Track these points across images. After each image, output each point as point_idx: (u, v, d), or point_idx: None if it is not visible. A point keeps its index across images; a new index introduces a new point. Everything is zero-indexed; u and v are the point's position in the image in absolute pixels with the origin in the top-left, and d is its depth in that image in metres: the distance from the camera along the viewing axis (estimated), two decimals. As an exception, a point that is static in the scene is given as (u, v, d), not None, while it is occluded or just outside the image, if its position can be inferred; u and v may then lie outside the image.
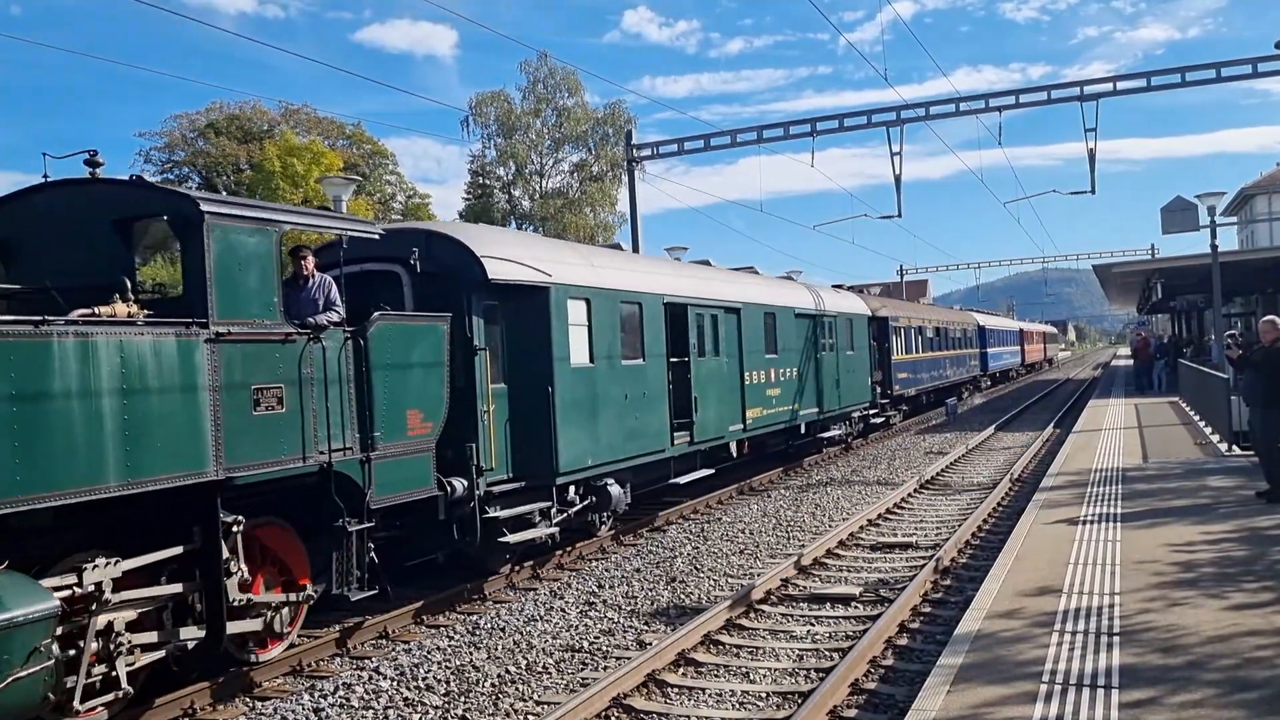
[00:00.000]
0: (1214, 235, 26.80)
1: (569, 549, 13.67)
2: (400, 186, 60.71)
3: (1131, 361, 48.69)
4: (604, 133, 55.89)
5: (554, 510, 12.63)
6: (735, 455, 19.77)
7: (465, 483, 10.92)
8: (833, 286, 29.10)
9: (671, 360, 16.03)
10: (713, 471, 17.72)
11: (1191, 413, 25.39)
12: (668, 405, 15.52)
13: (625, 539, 14.95)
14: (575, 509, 13.18)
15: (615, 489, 13.99)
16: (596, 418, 13.34)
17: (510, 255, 12.21)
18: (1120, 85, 25.97)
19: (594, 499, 13.70)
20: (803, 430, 22.56)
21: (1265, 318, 13.33)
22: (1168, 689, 6.21)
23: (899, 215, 28.31)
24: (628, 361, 14.42)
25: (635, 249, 28.08)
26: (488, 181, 58.46)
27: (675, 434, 15.78)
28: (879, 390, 28.87)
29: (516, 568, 12.66)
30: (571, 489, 13.06)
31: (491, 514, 11.43)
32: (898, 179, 27.29)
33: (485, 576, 12.06)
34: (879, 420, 29.31)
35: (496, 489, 11.60)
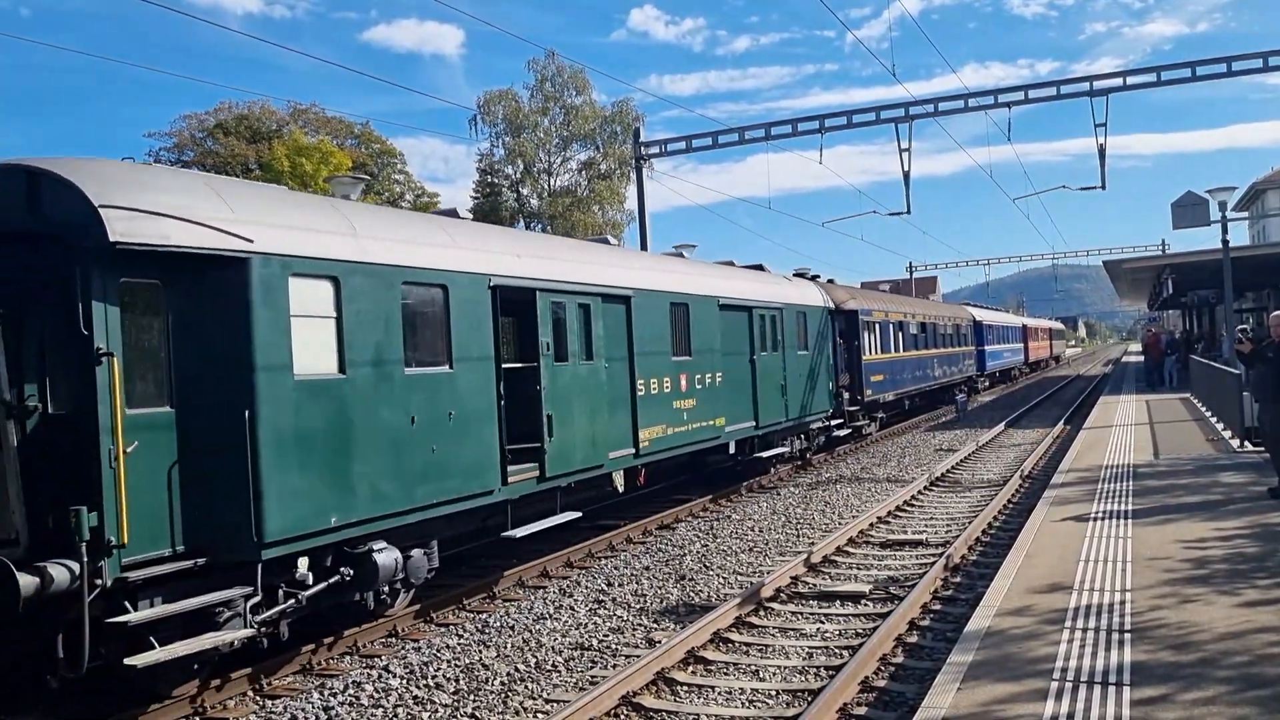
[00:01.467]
0: (1225, 230, 26.69)
1: (327, 644, 9.69)
2: (409, 185, 60.80)
3: (1142, 358, 48.48)
4: (612, 131, 55.85)
5: (253, 601, 8.23)
6: (623, 489, 15.01)
7: (70, 568, 7.11)
8: (794, 274, 24.71)
9: (512, 366, 12.46)
10: (579, 515, 13.37)
11: (1203, 409, 25.27)
12: (498, 428, 11.20)
13: (634, 537, 14.95)
14: (309, 592, 8.92)
15: (388, 556, 9.70)
16: (350, 453, 9.14)
17: (173, 208, 7.98)
18: (1130, 80, 25.90)
19: (350, 573, 9.37)
20: (733, 449, 18.21)
21: (1276, 312, 13.25)
22: (1180, 686, 6.18)
23: (908, 212, 28.30)
24: (419, 370, 10.19)
25: (644, 247, 28.08)
26: (496, 180, 58.49)
27: (512, 468, 11.48)
28: (847, 396, 25.26)
29: (524, 567, 12.66)
30: (302, 563, 8.86)
31: (124, 618, 7.42)
32: (907, 175, 27.25)
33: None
34: (844, 432, 24.90)
35: (141, 575, 7.57)
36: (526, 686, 8.53)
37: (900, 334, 30.70)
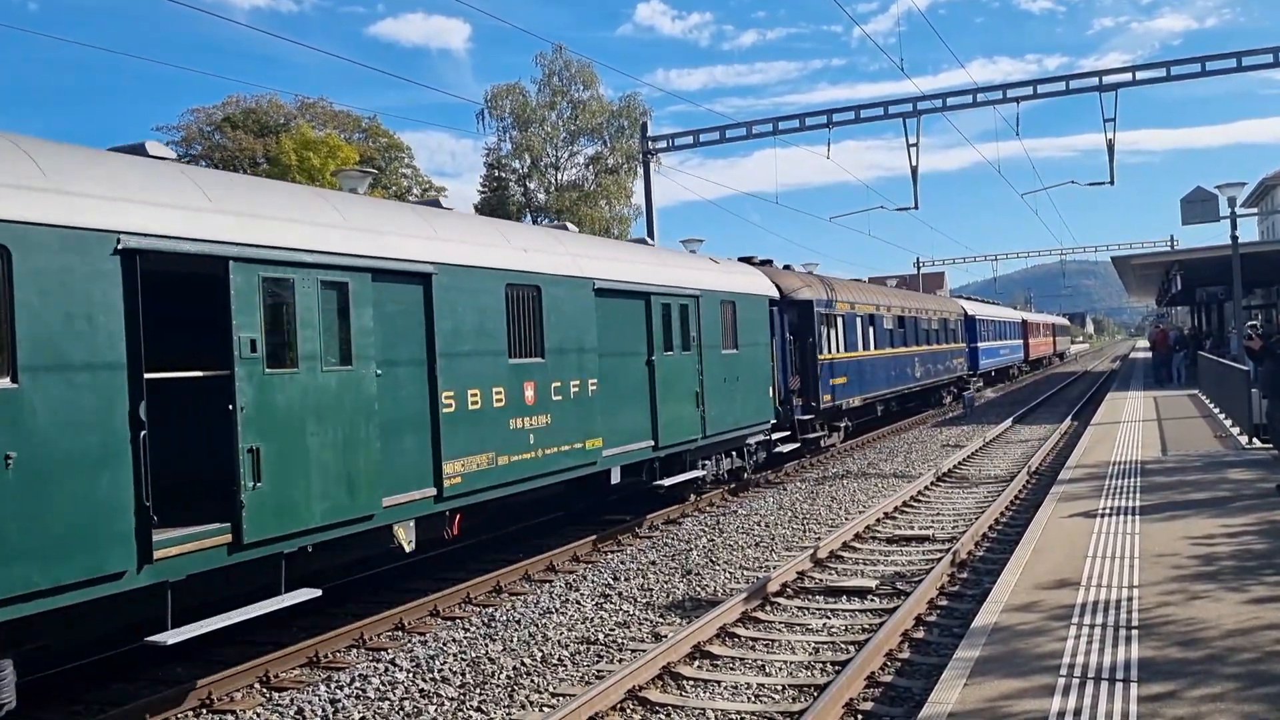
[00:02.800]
0: (1234, 226, 26.59)
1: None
2: (416, 180, 60.79)
3: (1150, 354, 48.23)
4: (619, 125, 55.77)
5: None
6: (412, 547, 10.36)
7: None
8: (739, 259, 21.52)
9: (174, 376, 8.12)
10: (317, 594, 8.84)
11: (1211, 405, 25.20)
12: (135, 474, 7.20)
13: (641, 531, 14.95)
14: None
15: None
16: None
17: None
18: (1139, 75, 25.79)
19: None
20: (617, 478, 13.95)
21: None
22: (1187, 682, 6.16)
23: (915, 207, 28.22)
24: None
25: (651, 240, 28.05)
26: (503, 174, 58.44)
27: (174, 532, 7.55)
28: (800, 402, 21.55)
29: (530, 561, 12.68)
30: None
31: None
32: (914, 170, 27.19)
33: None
34: (790, 447, 20.63)
35: None
36: (533, 680, 8.54)
37: (871, 329, 27.11)
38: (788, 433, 20.53)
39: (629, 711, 7.68)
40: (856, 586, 11.01)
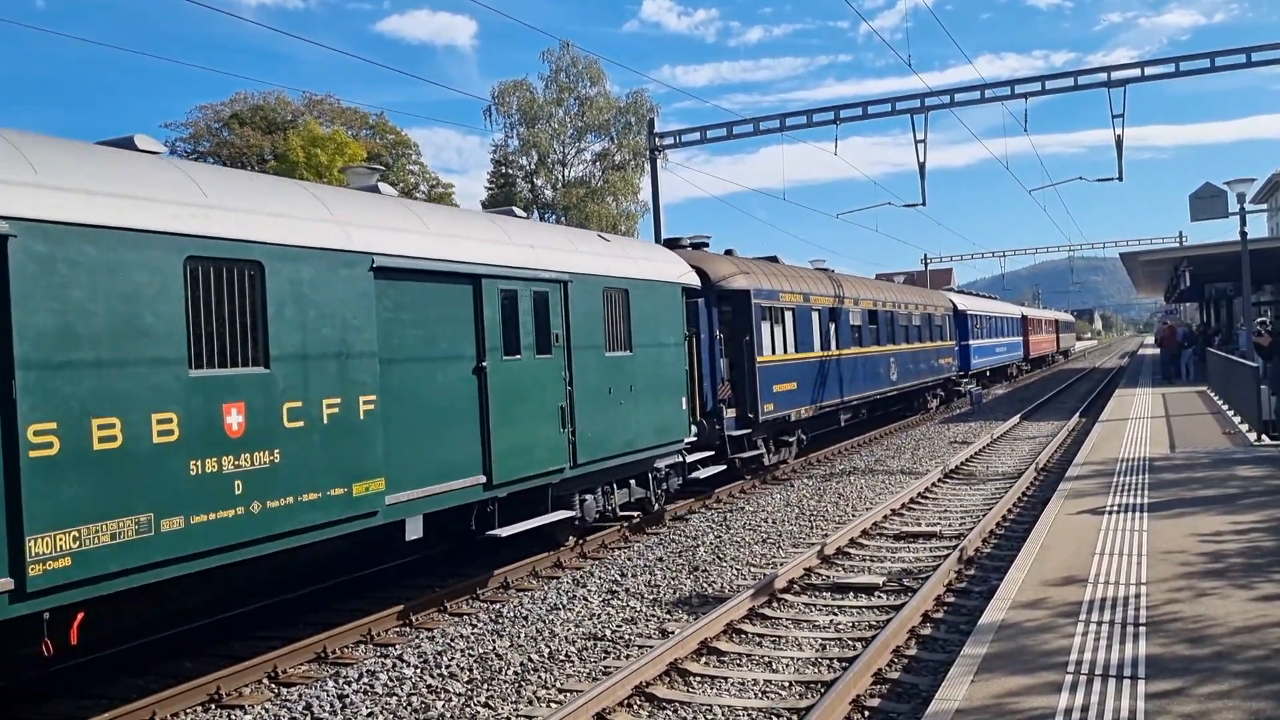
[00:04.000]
0: (1243, 222, 26.48)
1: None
2: (423, 176, 60.85)
3: (1157, 351, 48.02)
4: (626, 121, 55.77)
5: None
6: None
7: None
8: (664, 243, 19.53)
9: None
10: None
11: (1220, 402, 25.14)
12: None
13: (648, 529, 14.96)
14: None
15: None
16: None
17: None
18: (1148, 71, 25.67)
19: None
20: (414, 533, 10.21)
21: None
22: (1195, 680, 6.16)
23: (923, 204, 28.16)
24: None
25: (658, 239, 28.05)
26: (510, 171, 58.49)
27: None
28: (733, 414, 17.96)
29: (538, 557, 12.70)
30: None
31: None
32: (922, 167, 27.11)
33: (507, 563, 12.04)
34: (710, 471, 16.50)
35: None
36: (540, 676, 8.55)
37: (833, 325, 23.46)
38: (708, 453, 16.70)
39: (636, 707, 7.69)
40: (864, 583, 11.01)
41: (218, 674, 8.48)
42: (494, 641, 9.55)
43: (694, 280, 16.16)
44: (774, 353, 19.76)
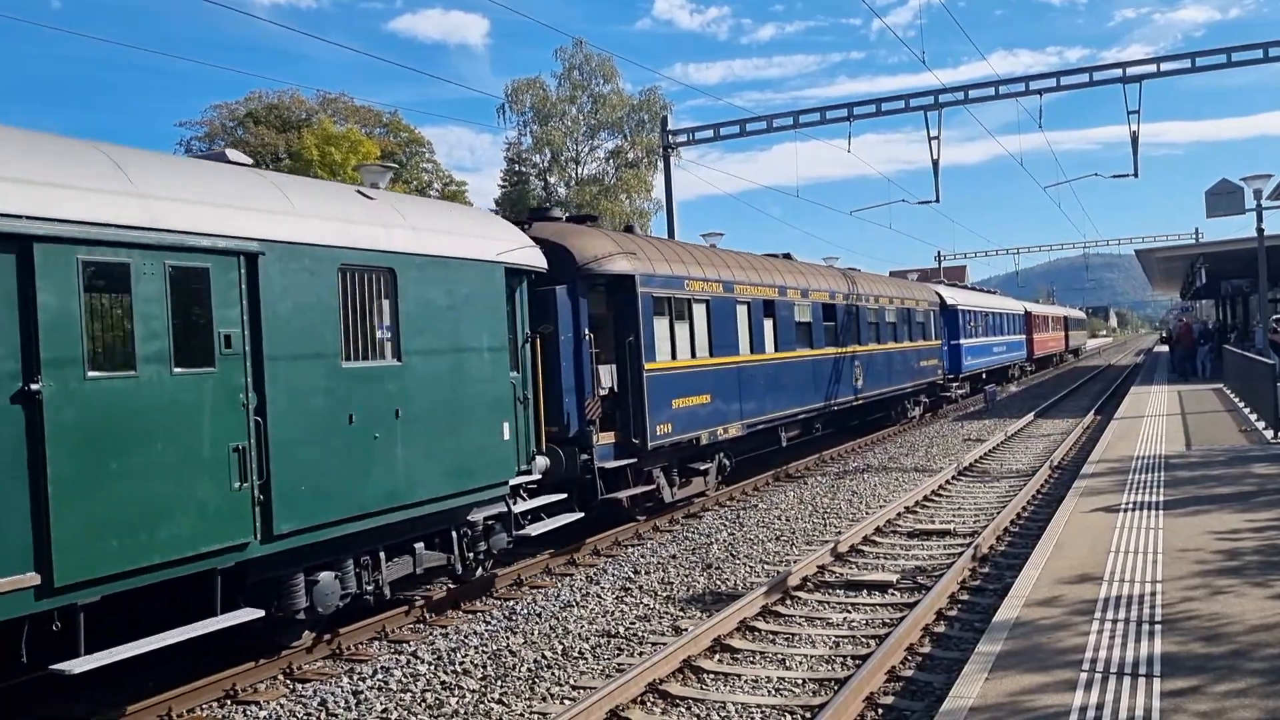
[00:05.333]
0: (1260, 219, 26.38)
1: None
2: (437, 174, 60.98)
3: (1167, 350, 47.65)
4: (639, 119, 55.81)
5: None
6: None
7: None
8: (529, 213, 15.90)
9: None
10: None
11: (1236, 399, 25.00)
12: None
13: (661, 525, 14.97)
14: None
15: None
16: None
17: None
18: (1164, 67, 25.57)
19: None
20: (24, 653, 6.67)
21: None
22: (1210, 678, 6.13)
23: (937, 200, 28.09)
24: None
25: (671, 235, 28.06)
26: (524, 168, 58.61)
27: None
28: (608, 442, 13.76)
29: (551, 554, 12.72)
30: None
31: None
32: (936, 164, 27.06)
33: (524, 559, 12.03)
34: (560, 521, 12.20)
35: None
36: (553, 673, 8.57)
37: (770, 322, 19.16)
38: (563, 495, 12.39)
39: (649, 704, 7.70)
40: (877, 581, 10.99)
41: (233, 670, 8.53)
42: (507, 638, 9.58)
43: (531, 260, 11.80)
44: (675, 357, 15.23)
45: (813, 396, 20.89)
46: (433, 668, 8.80)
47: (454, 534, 10.63)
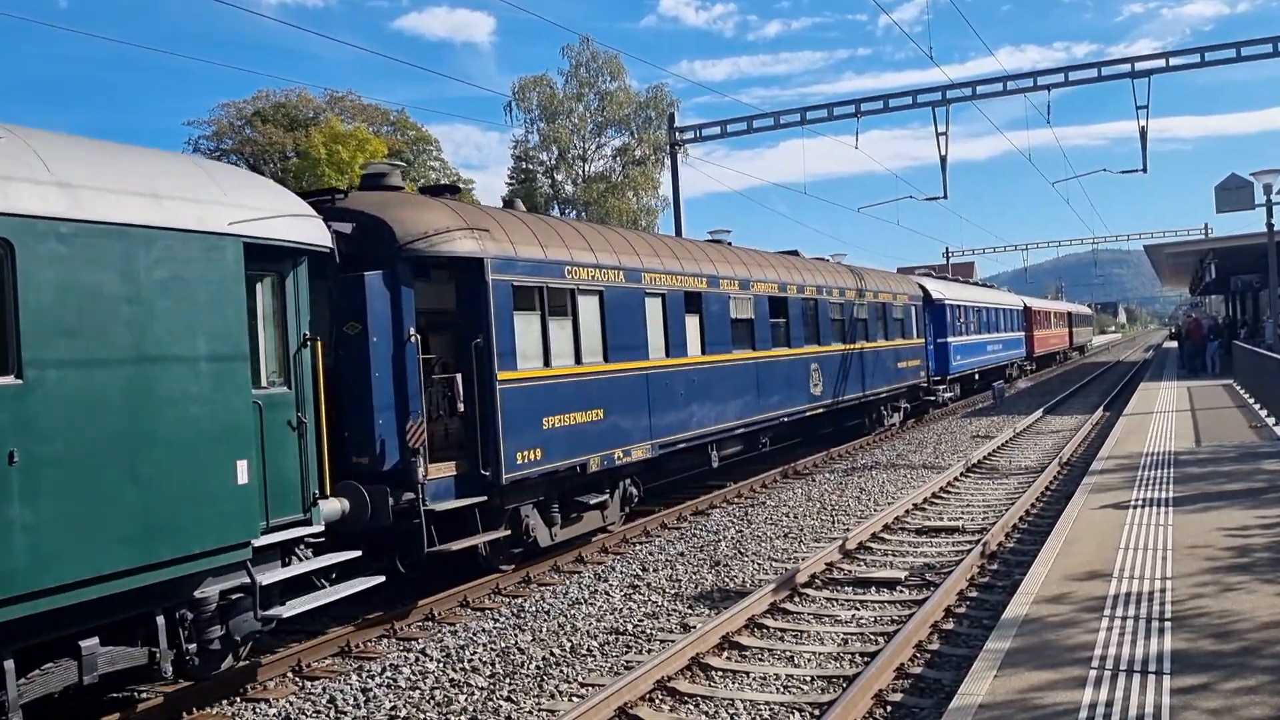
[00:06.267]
0: (1270, 213, 26.26)
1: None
2: (444, 172, 60.99)
3: (1176, 345, 47.49)
4: (646, 116, 55.73)
5: None
6: None
7: None
8: (364, 177, 12.53)
9: None
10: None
11: (1246, 395, 24.91)
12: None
13: (669, 523, 14.97)
14: None
15: None
16: None
17: None
18: (1173, 61, 25.49)
19: None
20: None
21: None
22: (1221, 675, 6.11)
23: (945, 197, 28.07)
24: None
25: (678, 232, 28.07)
26: (531, 166, 58.59)
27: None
28: (445, 478, 10.84)
29: (560, 552, 12.73)
30: None
31: None
32: (943, 160, 27.03)
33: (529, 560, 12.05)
34: (308, 606, 8.29)
35: None
36: (562, 670, 8.58)
37: (694, 318, 15.94)
38: (356, 553, 9.09)
39: (658, 702, 7.70)
40: (885, 578, 10.98)
41: (241, 667, 8.55)
42: (516, 636, 9.59)
43: (301, 234, 8.80)
44: (549, 364, 12.17)
45: (755, 407, 17.72)
46: (441, 665, 8.82)
47: (161, 620, 7.45)
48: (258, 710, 8.01)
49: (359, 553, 9.12)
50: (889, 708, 7.34)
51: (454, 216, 11.26)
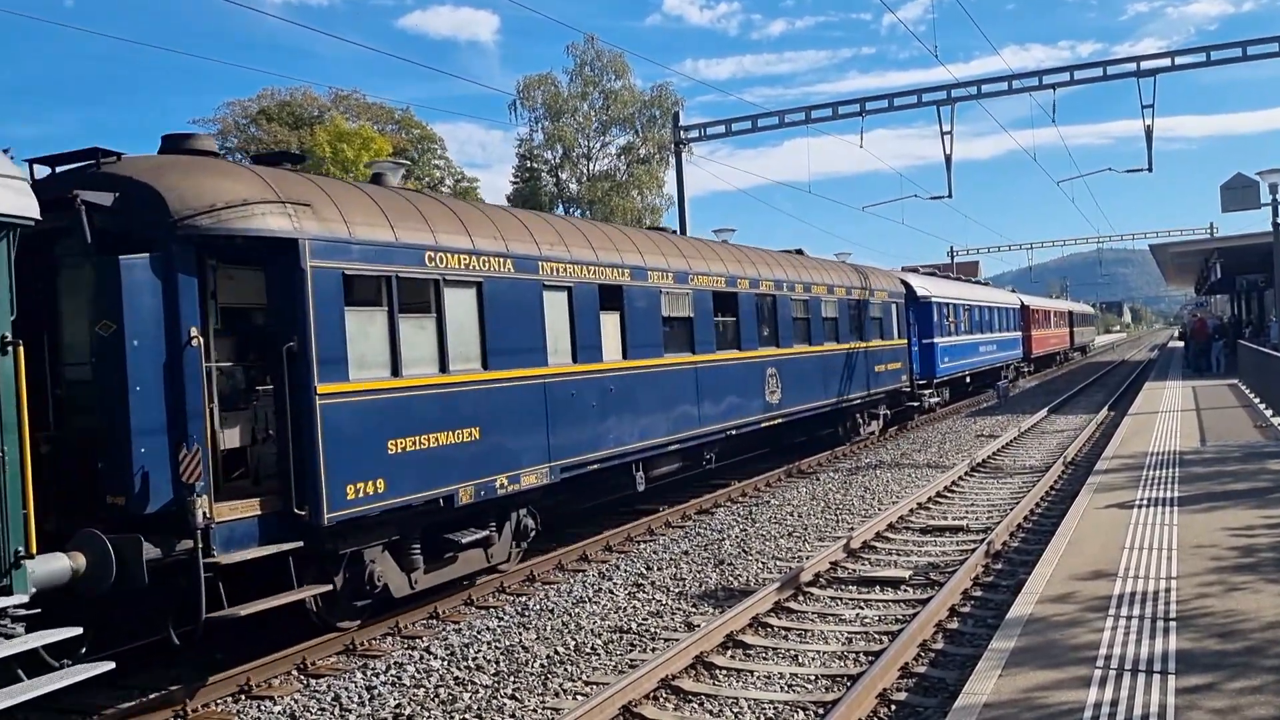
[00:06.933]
0: (1275, 213, 26.22)
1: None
2: (449, 171, 61.08)
3: (1182, 345, 47.42)
4: (651, 115, 55.75)
5: None
6: None
7: None
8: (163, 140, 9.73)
9: None
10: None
11: (1251, 395, 24.87)
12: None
13: (673, 521, 14.97)
14: None
15: None
16: None
17: None
18: (1179, 60, 25.44)
19: None
20: None
21: None
22: (1226, 675, 6.10)
23: (949, 196, 28.01)
24: None
25: (682, 231, 28.07)
26: (535, 165, 58.62)
27: None
28: (243, 520, 8.46)
29: (564, 550, 12.73)
30: None
31: None
32: (948, 159, 26.99)
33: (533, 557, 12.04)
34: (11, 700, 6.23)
35: None
36: (566, 669, 8.58)
37: (611, 317, 13.61)
38: (76, 630, 6.91)
39: (662, 700, 7.70)
40: (890, 577, 10.97)
41: (248, 665, 8.57)
42: (520, 634, 9.60)
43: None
44: (395, 373, 9.70)
45: (694, 419, 15.34)
46: (446, 663, 8.83)
47: None
48: (262, 708, 8.02)
49: (77, 630, 6.86)
50: (893, 706, 7.34)
51: (260, 186, 8.93)
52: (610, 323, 13.50)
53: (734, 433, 16.70)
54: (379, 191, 10.63)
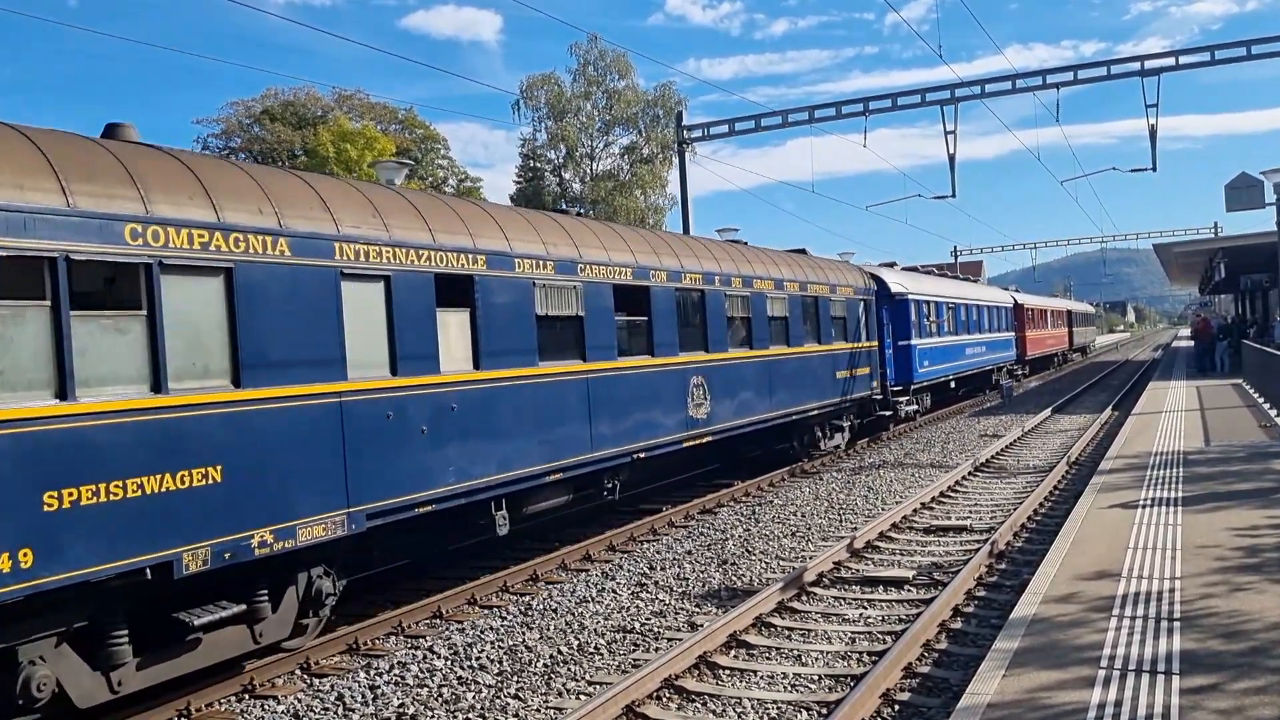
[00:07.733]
0: (1280, 213, 26.15)
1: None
2: (452, 170, 61.12)
3: (1191, 343, 47.43)
4: (654, 114, 55.74)
5: None
6: None
7: None
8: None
9: None
10: None
11: (1255, 395, 24.82)
12: None
13: (677, 521, 14.97)
14: None
15: None
16: None
17: None
18: (1183, 60, 25.40)
19: None
20: None
21: None
22: (1230, 675, 6.09)
23: (953, 195, 27.99)
24: None
25: (686, 230, 28.06)
26: (538, 165, 58.63)
27: None
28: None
29: (567, 550, 12.73)
30: None
31: None
32: (952, 158, 26.97)
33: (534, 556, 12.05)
34: None
35: None
36: (569, 668, 8.58)
37: (459, 315, 10.77)
38: None
39: (666, 700, 7.70)
40: (893, 577, 10.96)
41: (251, 665, 8.58)
42: (523, 634, 9.60)
43: None
44: (63, 396, 6.85)
45: (586, 441, 12.58)
46: (449, 663, 8.83)
47: None
48: (266, 707, 8.02)
49: None
50: (897, 707, 7.33)
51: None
52: (455, 323, 10.66)
53: (643, 455, 13.87)
54: (55, 136, 7.50)
